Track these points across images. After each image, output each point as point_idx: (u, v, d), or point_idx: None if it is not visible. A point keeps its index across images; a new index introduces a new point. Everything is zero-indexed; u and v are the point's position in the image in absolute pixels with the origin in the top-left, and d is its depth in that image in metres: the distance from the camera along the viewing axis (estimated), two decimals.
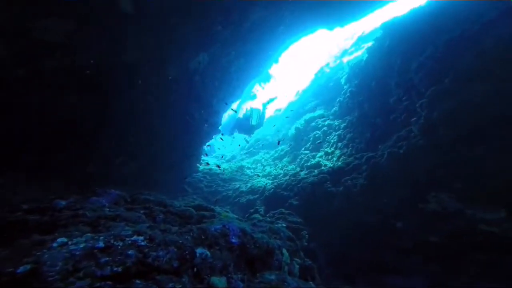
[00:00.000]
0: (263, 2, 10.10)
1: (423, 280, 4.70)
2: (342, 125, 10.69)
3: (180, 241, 2.24)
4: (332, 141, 10.83)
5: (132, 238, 2.10)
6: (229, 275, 2.40)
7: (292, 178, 9.48)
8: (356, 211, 5.70)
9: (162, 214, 3.18)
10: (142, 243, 2.08)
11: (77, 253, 1.81)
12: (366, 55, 9.60)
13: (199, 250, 2.35)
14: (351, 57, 11.88)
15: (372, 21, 16.22)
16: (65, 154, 8.30)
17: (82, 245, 1.88)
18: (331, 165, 9.83)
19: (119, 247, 1.96)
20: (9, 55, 6.01)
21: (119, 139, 9.24)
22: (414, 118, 5.59)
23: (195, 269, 2.21)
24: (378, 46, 8.48)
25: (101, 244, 1.91)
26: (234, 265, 2.53)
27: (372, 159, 5.97)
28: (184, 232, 2.43)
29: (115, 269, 1.78)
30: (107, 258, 1.83)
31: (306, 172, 9.33)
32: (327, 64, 17.26)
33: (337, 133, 10.65)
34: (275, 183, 10.72)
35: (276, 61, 18.38)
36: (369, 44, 11.52)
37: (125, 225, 2.45)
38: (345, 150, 9.23)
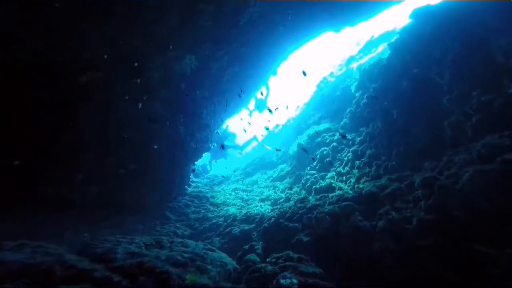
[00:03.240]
0: None
1: None
2: (358, 139, 8.83)
3: None
4: (345, 158, 8.90)
5: None
6: None
7: (299, 205, 7.40)
8: (415, 259, 3.66)
9: None
10: None
11: None
12: (388, 51, 7.98)
13: None
14: (362, 61, 10.37)
15: (378, 27, 15.18)
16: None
17: None
18: (348, 188, 7.81)
19: None
20: None
21: (81, 154, 7.18)
22: None
23: None
24: (408, 37, 6.86)
25: None
26: None
27: (435, 182, 4.02)
28: None
29: None
30: None
31: (318, 197, 7.27)
32: (331, 74, 15.81)
33: (352, 149, 8.76)
34: (277, 211, 8.57)
35: (274, 73, 16.94)
36: (384, 44, 10.06)
37: None
38: (366, 170, 7.29)
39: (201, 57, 10.52)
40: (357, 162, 8.01)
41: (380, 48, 10.29)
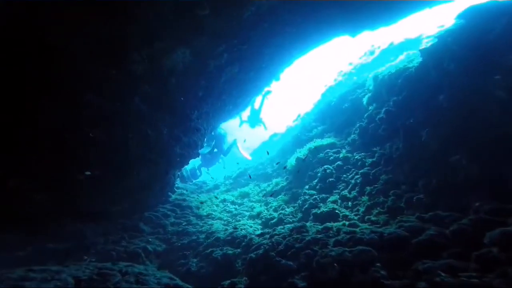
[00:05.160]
0: None
1: None
2: (369, 160, 7.57)
3: None
4: (352, 181, 7.61)
5: None
6: None
7: (296, 236, 6.06)
8: None
9: None
10: None
11: None
12: (419, 59, 6.78)
13: None
14: (378, 70, 9.27)
15: (393, 34, 14.13)
16: None
17: None
18: (355, 217, 6.50)
19: None
20: None
21: (31, 154, 5.78)
22: None
23: None
24: (454, 41, 5.47)
25: None
26: None
27: None
28: None
29: None
30: None
31: (319, 228, 5.94)
32: (339, 83, 14.66)
33: (362, 171, 7.48)
34: (267, 237, 7.22)
35: (277, 79, 15.78)
36: (409, 52, 8.93)
37: None
38: (381, 199, 6.01)
39: (196, 52, 9.22)
40: (368, 188, 6.73)
41: (403, 57, 9.23)
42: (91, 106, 6.49)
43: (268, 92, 17.58)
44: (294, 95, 56.46)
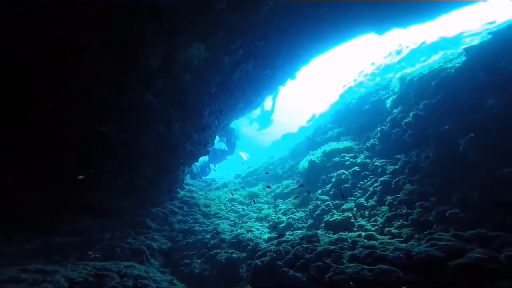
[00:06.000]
0: None
1: None
2: (391, 168, 7.00)
3: None
4: (371, 189, 7.07)
5: None
6: None
7: (306, 246, 5.65)
8: None
9: None
10: None
11: None
12: (463, 58, 6.06)
13: None
14: (406, 71, 8.51)
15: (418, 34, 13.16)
16: None
17: None
18: (372, 228, 6.00)
19: None
20: None
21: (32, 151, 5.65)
22: None
23: None
24: None
25: None
26: None
27: None
28: None
29: None
30: None
31: (332, 238, 5.49)
32: (361, 83, 13.93)
33: (382, 179, 6.92)
34: (275, 245, 6.83)
35: (293, 77, 15.30)
36: (446, 52, 8.12)
37: None
38: (404, 210, 5.47)
39: (211, 47, 8.92)
40: (388, 198, 6.19)
41: (437, 56, 8.47)
42: (102, 101, 6.29)
43: (277, 92, 17.12)
44: (310, 94, 55.07)
